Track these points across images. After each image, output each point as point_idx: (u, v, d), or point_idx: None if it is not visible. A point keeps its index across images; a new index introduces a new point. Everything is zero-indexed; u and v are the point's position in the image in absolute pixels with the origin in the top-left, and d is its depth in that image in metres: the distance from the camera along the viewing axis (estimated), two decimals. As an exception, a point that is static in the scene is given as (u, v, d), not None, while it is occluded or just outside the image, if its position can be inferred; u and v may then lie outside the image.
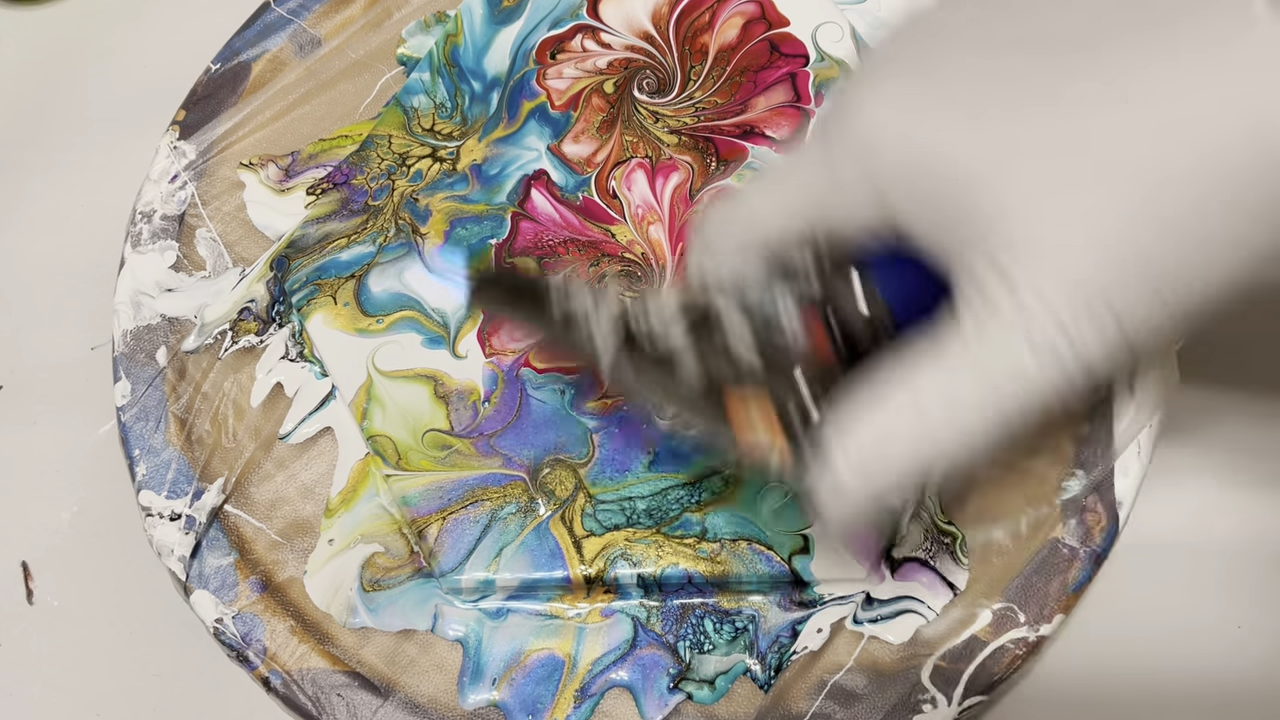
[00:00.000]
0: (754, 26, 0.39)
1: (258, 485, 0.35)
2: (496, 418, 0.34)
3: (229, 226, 0.38)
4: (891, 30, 0.26)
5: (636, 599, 0.33)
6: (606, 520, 0.33)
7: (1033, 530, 0.33)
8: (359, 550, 0.33)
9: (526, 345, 0.35)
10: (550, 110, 0.38)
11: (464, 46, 0.39)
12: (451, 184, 0.37)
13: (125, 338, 0.36)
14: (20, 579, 0.39)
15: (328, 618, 0.33)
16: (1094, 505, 0.33)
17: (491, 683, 0.32)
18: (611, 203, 0.37)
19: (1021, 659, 0.32)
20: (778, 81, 0.38)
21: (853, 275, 0.25)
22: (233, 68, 0.40)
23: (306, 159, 0.39)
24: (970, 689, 0.32)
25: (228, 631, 0.33)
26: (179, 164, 0.39)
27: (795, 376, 0.25)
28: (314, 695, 0.32)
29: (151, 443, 0.35)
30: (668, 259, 0.36)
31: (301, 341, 0.36)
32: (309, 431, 0.35)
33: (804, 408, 0.25)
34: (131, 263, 0.37)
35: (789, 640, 0.32)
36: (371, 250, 0.37)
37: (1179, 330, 0.23)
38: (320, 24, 0.41)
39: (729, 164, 0.37)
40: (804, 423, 0.25)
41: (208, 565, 0.33)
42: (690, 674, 0.32)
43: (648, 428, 0.34)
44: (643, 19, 0.40)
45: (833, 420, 0.24)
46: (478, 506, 0.33)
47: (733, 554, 0.32)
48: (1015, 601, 0.32)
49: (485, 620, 0.33)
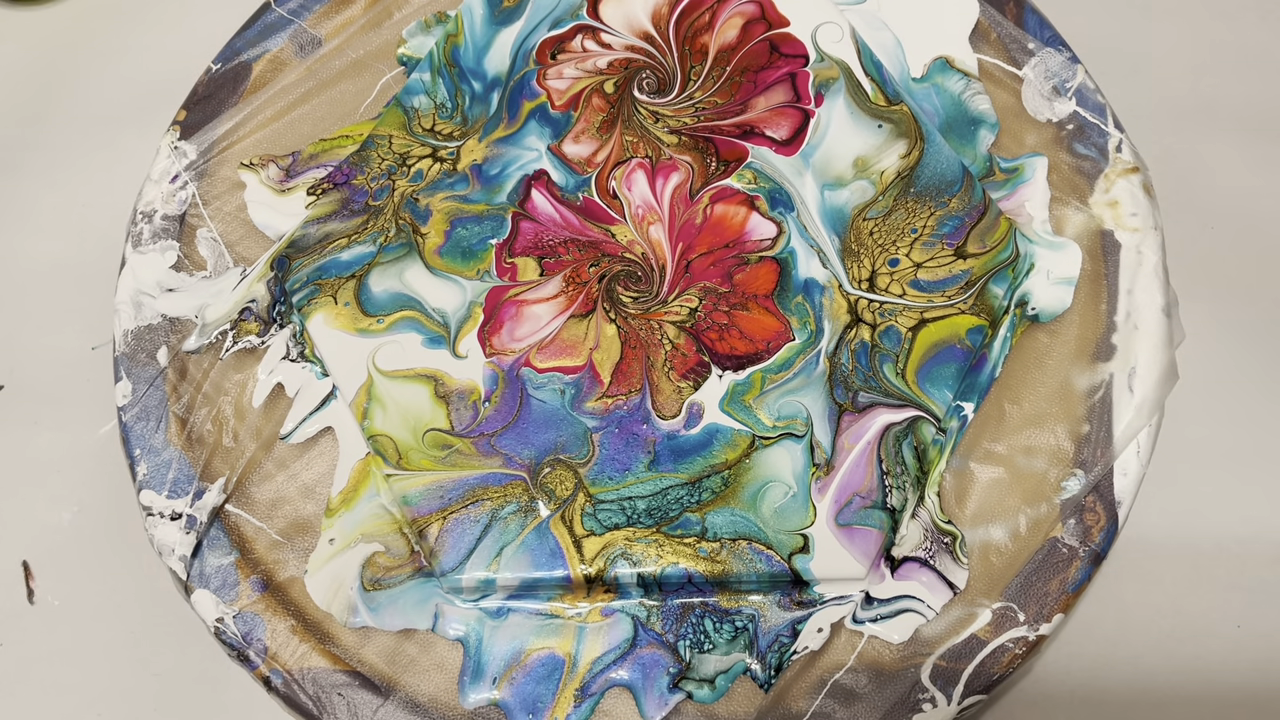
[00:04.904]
0: (754, 27, 0.39)
1: (258, 485, 0.35)
2: (497, 417, 0.34)
3: (230, 226, 0.38)
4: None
5: (636, 598, 0.33)
6: (606, 520, 0.33)
7: (1032, 530, 0.33)
8: (360, 550, 0.33)
9: (526, 345, 0.35)
10: (550, 110, 0.38)
11: (464, 47, 0.39)
12: (452, 184, 0.37)
13: (126, 337, 0.36)
14: (21, 579, 0.39)
15: (328, 617, 0.33)
16: (1093, 505, 0.33)
17: (492, 682, 0.32)
18: (612, 203, 0.37)
19: (1021, 658, 0.32)
20: (778, 81, 0.38)
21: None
22: (233, 68, 0.40)
23: (307, 159, 0.39)
24: (970, 688, 0.32)
25: (228, 631, 0.33)
26: (180, 164, 0.39)
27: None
28: (315, 694, 0.32)
29: (152, 442, 0.35)
30: (668, 259, 0.36)
31: (302, 341, 0.36)
32: (310, 431, 0.35)
33: None
34: (132, 262, 0.37)
35: (789, 639, 0.32)
36: (372, 250, 0.37)
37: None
38: (321, 24, 0.41)
39: (729, 164, 0.37)
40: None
41: (208, 565, 0.34)
42: (690, 673, 0.32)
43: (646, 426, 0.34)
44: (643, 19, 0.40)
45: None
46: (478, 506, 0.33)
47: (733, 553, 0.32)
48: (1015, 601, 0.32)
49: (486, 619, 0.33)
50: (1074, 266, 0.36)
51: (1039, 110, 0.38)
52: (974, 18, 0.39)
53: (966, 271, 0.35)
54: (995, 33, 0.39)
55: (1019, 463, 0.34)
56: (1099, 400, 0.34)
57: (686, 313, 0.35)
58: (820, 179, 0.37)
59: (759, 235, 0.36)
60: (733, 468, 0.33)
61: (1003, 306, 0.35)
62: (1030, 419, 0.34)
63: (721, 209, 0.37)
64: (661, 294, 0.36)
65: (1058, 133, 0.38)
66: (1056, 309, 0.36)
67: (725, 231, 0.36)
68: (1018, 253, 0.36)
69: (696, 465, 0.33)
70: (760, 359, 0.35)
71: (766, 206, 0.37)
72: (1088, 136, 0.38)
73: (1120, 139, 0.38)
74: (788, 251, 0.36)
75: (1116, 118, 0.38)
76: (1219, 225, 0.43)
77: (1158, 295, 0.35)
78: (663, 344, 0.35)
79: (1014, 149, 0.38)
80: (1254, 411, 0.40)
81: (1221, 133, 0.45)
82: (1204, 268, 0.42)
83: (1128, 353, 0.35)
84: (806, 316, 0.35)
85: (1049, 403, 0.35)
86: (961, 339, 0.35)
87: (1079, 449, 0.34)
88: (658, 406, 0.34)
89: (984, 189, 0.37)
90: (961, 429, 0.34)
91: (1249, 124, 0.45)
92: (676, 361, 0.35)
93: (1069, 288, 0.36)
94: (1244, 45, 0.46)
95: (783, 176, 0.37)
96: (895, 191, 0.36)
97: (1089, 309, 0.36)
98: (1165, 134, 0.45)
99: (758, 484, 0.33)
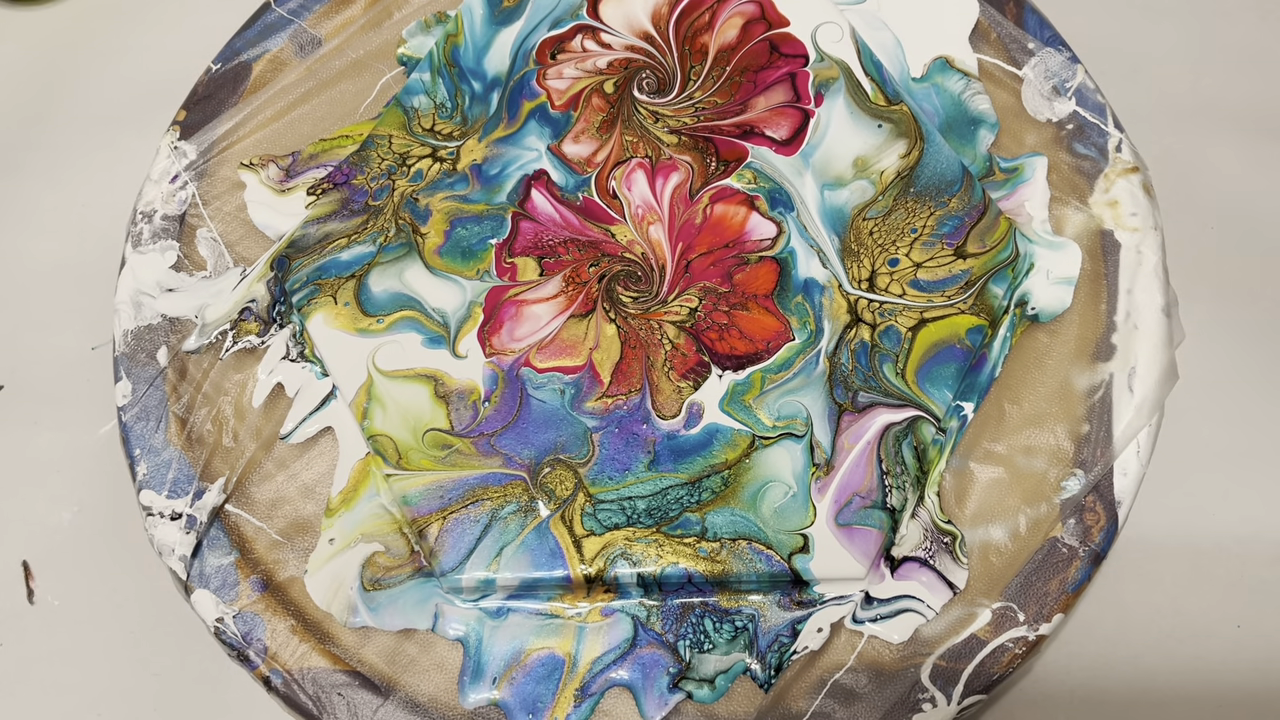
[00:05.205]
0: (754, 26, 0.39)
1: (258, 485, 0.35)
2: (497, 417, 0.34)
3: (230, 226, 0.38)
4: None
5: (636, 598, 0.33)
6: (606, 520, 0.33)
7: (1032, 530, 0.33)
8: (359, 549, 0.33)
9: (526, 344, 0.35)
10: (550, 110, 0.38)
11: (464, 47, 0.39)
12: (452, 184, 0.37)
13: (126, 338, 0.36)
14: (21, 579, 0.39)
15: (328, 617, 0.33)
16: (1093, 505, 0.33)
17: (492, 682, 0.32)
18: (611, 203, 0.37)
19: (1021, 658, 0.32)
20: (777, 81, 0.38)
21: None
22: (233, 68, 0.40)
23: (307, 159, 0.39)
24: (970, 688, 0.32)
25: (228, 631, 0.33)
26: (180, 164, 0.39)
27: None
28: (314, 694, 0.32)
29: (152, 442, 0.35)
30: (668, 259, 0.36)
31: (302, 341, 0.36)
32: (310, 431, 0.35)
33: None
34: (132, 262, 0.37)
35: (789, 639, 0.32)
36: (372, 250, 0.37)
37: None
38: (321, 24, 0.41)
39: (729, 164, 0.37)
40: None
41: (208, 565, 0.34)
42: (690, 673, 0.32)
43: (646, 426, 0.34)
44: (643, 19, 0.40)
45: None
46: (478, 506, 0.33)
47: (732, 553, 0.32)
48: (1015, 601, 0.32)
49: (485, 619, 0.33)
50: (1074, 266, 0.36)
51: (1039, 110, 0.38)
52: (974, 18, 0.39)
53: (966, 271, 0.35)
54: (995, 32, 0.39)
55: (1019, 463, 0.34)
56: (1099, 400, 0.34)
57: (686, 313, 0.35)
58: (820, 179, 0.37)
59: (759, 235, 0.36)
60: (733, 468, 0.33)
61: (1002, 306, 0.35)
62: (1030, 419, 0.34)
63: (721, 209, 0.37)
64: (661, 294, 0.36)
65: (1057, 133, 0.38)
66: (1056, 309, 0.36)
67: (725, 231, 0.36)
68: (1017, 252, 0.36)
69: (696, 465, 0.33)
70: (760, 359, 0.35)
71: (766, 206, 0.37)
72: (1087, 136, 0.38)
73: (1120, 139, 0.38)
74: (787, 251, 0.36)
75: (1116, 118, 0.38)
76: (1219, 225, 0.43)
77: (1158, 295, 0.35)
78: (663, 344, 0.35)
79: (1014, 149, 0.38)
80: (1254, 411, 0.40)
81: (1221, 133, 0.45)
82: (1204, 268, 0.42)
83: (1128, 353, 0.35)
84: (806, 316, 0.35)
85: (1049, 403, 0.35)
86: (961, 339, 0.35)
87: (1079, 449, 0.34)
88: (658, 406, 0.34)
89: (984, 189, 0.37)
90: (961, 429, 0.34)
91: (1249, 124, 0.45)
92: (676, 361, 0.35)
93: (1069, 287, 0.36)
94: (1244, 45, 0.46)
95: (783, 176, 0.37)
96: (895, 191, 0.36)
97: (1089, 309, 0.36)
98: (1165, 134, 0.45)
99: (758, 484, 0.33)
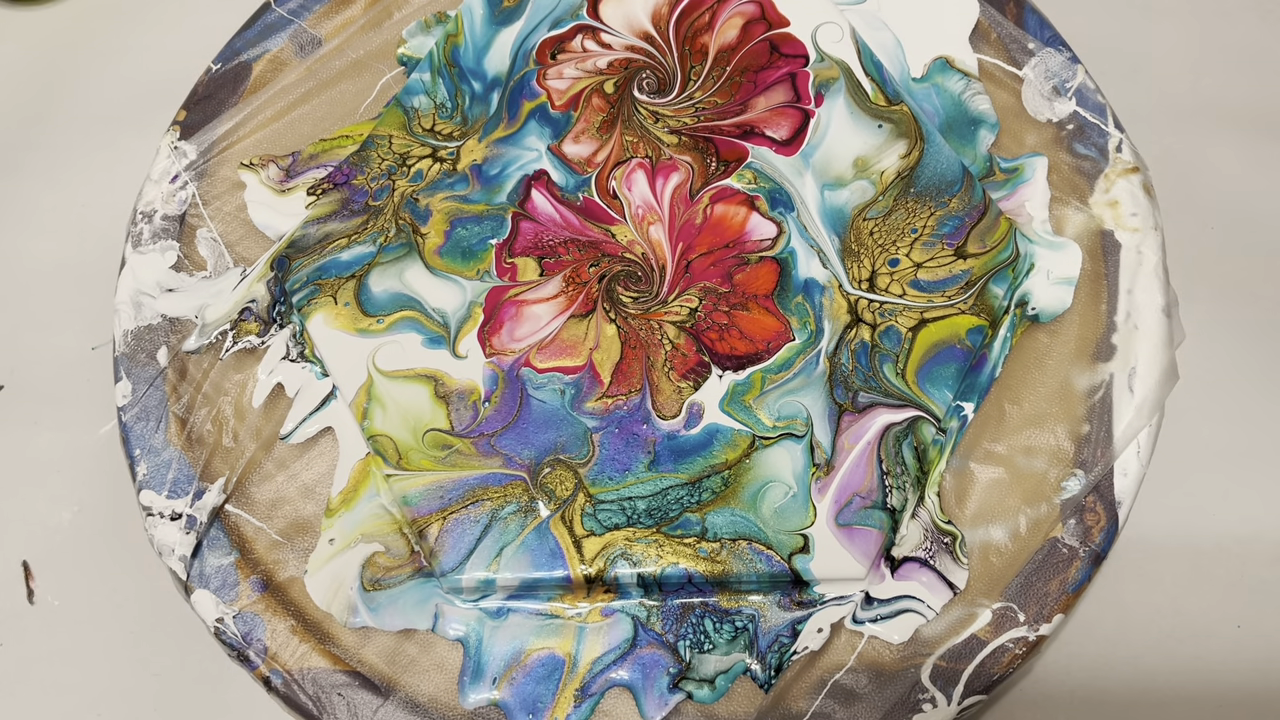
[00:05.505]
0: (754, 27, 0.39)
1: (258, 485, 0.35)
2: (497, 417, 0.34)
3: (230, 226, 0.38)
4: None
5: (636, 598, 0.33)
6: (606, 520, 0.33)
7: (1032, 530, 0.33)
8: (359, 550, 0.33)
9: (526, 345, 0.35)
10: (550, 110, 0.38)
11: (464, 47, 0.39)
12: (452, 184, 0.37)
13: (126, 338, 0.36)
14: (21, 579, 0.39)
15: (328, 617, 0.33)
16: (1093, 505, 0.33)
17: (492, 682, 0.32)
18: (612, 203, 0.37)
19: (1021, 658, 0.32)
20: (778, 81, 0.38)
21: None
22: (233, 68, 0.40)
23: (307, 159, 0.39)
24: (970, 688, 0.32)
25: (228, 631, 0.33)
26: (180, 164, 0.39)
27: None
28: (315, 695, 0.32)
29: (152, 443, 0.35)
30: (668, 259, 0.36)
31: (302, 341, 0.36)
32: (310, 431, 0.35)
33: None
34: (132, 263, 0.37)
35: (789, 640, 0.32)
36: (372, 250, 0.37)
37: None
38: (321, 24, 0.41)
39: (729, 164, 0.37)
40: None
41: (208, 565, 0.34)
42: (690, 673, 0.32)
43: (646, 426, 0.34)
44: (643, 19, 0.40)
45: None
46: (478, 506, 0.33)
47: (733, 554, 0.32)
48: (1015, 601, 0.32)
49: (486, 620, 0.33)
50: (1074, 266, 0.36)
51: (1039, 110, 0.38)
52: (974, 18, 0.39)
53: (966, 271, 0.35)
54: (995, 33, 0.39)
55: (1019, 463, 0.34)
56: (1099, 400, 0.34)
57: (686, 313, 0.35)
58: (820, 179, 0.37)
59: (759, 235, 0.36)
60: (733, 468, 0.33)
61: (1003, 306, 0.35)
62: (1030, 419, 0.34)
63: (721, 209, 0.37)
64: (661, 294, 0.36)
65: (1058, 133, 0.38)
66: (1056, 309, 0.36)
67: (725, 231, 0.36)
68: (1018, 253, 0.36)
69: (696, 465, 0.33)
70: (760, 359, 0.35)
71: (766, 206, 0.37)
72: (1088, 136, 0.38)
73: (1120, 139, 0.38)
74: (788, 251, 0.36)
75: (1116, 118, 0.38)
76: (1219, 225, 0.43)
77: (1158, 295, 0.35)
78: (663, 344, 0.35)
79: (1014, 149, 0.38)
80: (1254, 411, 0.40)
81: (1221, 133, 0.45)
82: (1204, 268, 0.42)
83: (1128, 353, 0.35)
84: (806, 316, 0.35)
85: (1049, 403, 0.35)
86: (961, 339, 0.35)
87: (1079, 449, 0.34)
88: (658, 406, 0.34)
89: (984, 189, 0.37)
90: (961, 429, 0.34)
91: (1249, 124, 0.45)
92: (676, 361, 0.35)
93: (1069, 288, 0.36)
94: (1244, 45, 0.46)
95: (783, 176, 0.37)
96: (895, 191, 0.36)
97: (1089, 309, 0.36)
98: (1165, 134, 0.45)
99: (758, 484, 0.33)
